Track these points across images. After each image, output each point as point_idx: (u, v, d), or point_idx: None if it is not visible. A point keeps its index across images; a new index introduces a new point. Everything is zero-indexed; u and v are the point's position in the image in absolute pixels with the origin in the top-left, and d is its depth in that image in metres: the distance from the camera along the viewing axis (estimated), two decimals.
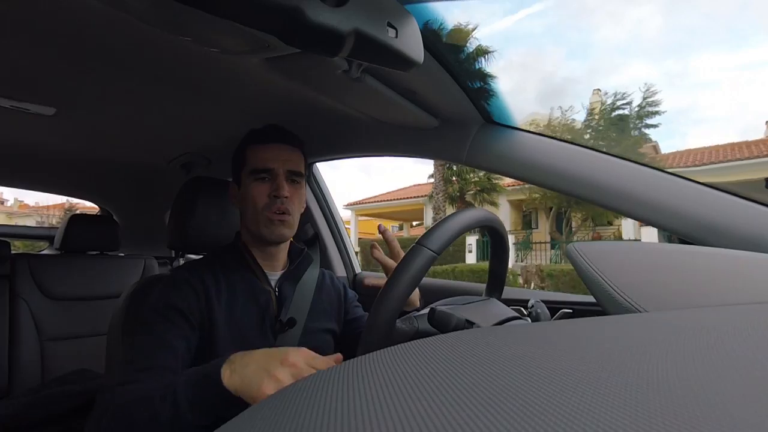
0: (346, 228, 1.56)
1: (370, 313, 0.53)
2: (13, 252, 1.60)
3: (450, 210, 11.45)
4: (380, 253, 0.78)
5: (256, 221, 0.81)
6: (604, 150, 0.82)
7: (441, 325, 0.58)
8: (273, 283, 0.84)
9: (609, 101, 10.36)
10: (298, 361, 0.53)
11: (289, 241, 0.88)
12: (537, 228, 12.43)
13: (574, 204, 9.89)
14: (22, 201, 24.64)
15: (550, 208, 11.30)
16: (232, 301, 0.77)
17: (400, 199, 14.54)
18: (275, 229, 0.80)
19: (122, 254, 1.88)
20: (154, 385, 0.58)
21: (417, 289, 0.71)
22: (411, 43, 0.59)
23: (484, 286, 0.80)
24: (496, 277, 0.76)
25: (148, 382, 0.60)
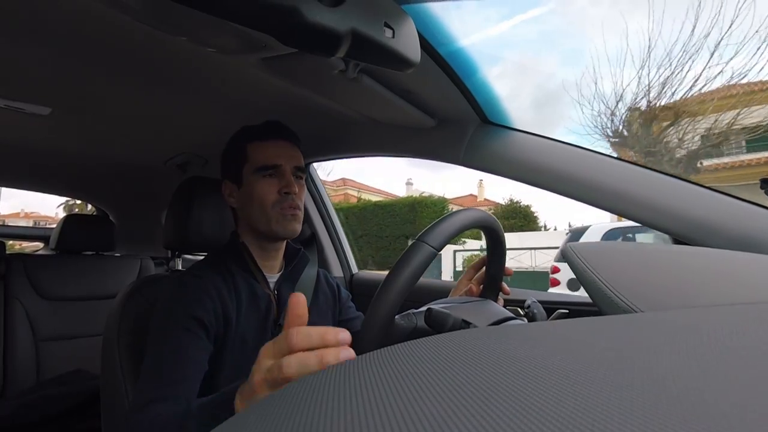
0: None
1: (369, 307, 0.53)
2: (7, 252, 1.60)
3: None
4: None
5: (266, 218, 0.79)
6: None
7: (438, 325, 0.58)
8: (272, 285, 0.83)
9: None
10: (292, 369, 0.43)
11: (285, 241, 0.87)
12: None
13: None
14: None
15: None
16: (239, 306, 0.76)
17: None
18: (288, 225, 0.79)
19: (118, 254, 1.87)
20: (177, 409, 0.59)
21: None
22: (408, 43, 0.59)
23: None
24: (492, 278, 0.76)
25: (170, 405, 0.61)
